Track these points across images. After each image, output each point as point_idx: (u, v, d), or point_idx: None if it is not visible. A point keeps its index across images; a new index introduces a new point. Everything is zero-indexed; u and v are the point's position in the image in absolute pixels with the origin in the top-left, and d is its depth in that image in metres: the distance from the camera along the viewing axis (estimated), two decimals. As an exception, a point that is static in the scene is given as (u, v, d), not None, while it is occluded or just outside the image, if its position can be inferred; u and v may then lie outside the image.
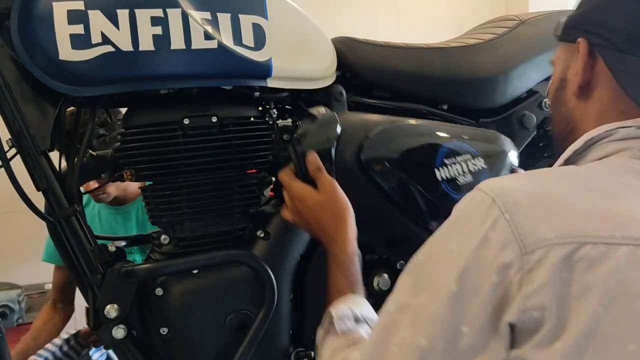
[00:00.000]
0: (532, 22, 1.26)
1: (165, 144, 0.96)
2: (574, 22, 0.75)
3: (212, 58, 0.94)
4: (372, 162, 1.03)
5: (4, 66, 0.91)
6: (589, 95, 0.72)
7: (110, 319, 0.92)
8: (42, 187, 0.94)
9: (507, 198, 0.60)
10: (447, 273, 0.61)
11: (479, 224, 0.61)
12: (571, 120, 0.75)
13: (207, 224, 1.00)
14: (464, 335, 0.59)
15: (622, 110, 0.69)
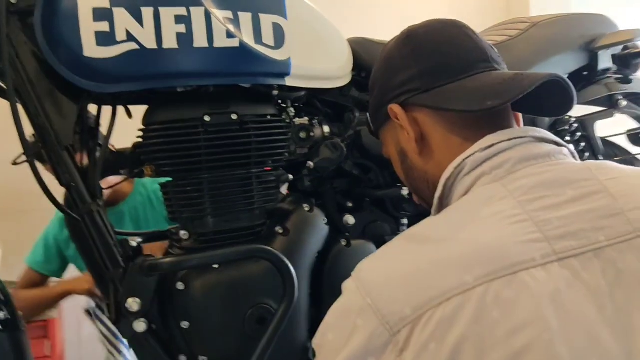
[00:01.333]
0: (544, 24, 1.27)
1: (186, 140, 0.97)
2: (376, 106, 0.81)
3: (234, 56, 0.96)
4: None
5: (27, 62, 0.93)
6: (428, 146, 0.74)
7: (132, 312, 0.93)
8: (66, 183, 0.95)
9: (368, 283, 0.61)
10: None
11: (348, 312, 0.62)
12: (429, 177, 0.76)
13: (227, 219, 1.01)
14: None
15: (462, 141, 0.70)
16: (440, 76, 0.72)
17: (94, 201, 0.96)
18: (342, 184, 1.16)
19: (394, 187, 1.13)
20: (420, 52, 0.74)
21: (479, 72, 0.71)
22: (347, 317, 0.60)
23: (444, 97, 0.70)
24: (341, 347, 0.59)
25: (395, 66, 0.77)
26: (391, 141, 0.82)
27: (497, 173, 0.65)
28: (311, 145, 1.10)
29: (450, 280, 0.56)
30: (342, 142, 1.10)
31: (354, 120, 1.13)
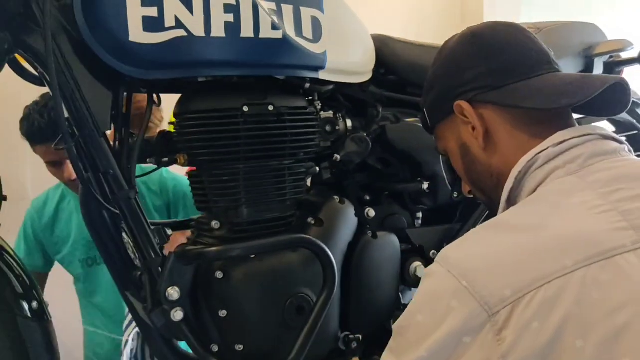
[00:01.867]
0: (548, 31, 1.34)
1: (225, 130, 0.97)
2: (437, 102, 0.84)
3: (277, 48, 0.97)
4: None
5: (65, 46, 0.91)
6: (493, 142, 0.78)
7: (172, 301, 0.92)
8: (103, 169, 0.93)
9: (461, 266, 0.64)
10: (417, 343, 0.64)
11: (440, 295, 0.64)
12: (492, 171, 0.79)
13: (260, 210, 1.02)
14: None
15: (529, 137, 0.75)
16: (509, 75, 0.76)
17: (132, 188, 0.94)
18: (363, 177, 1.18)
19: (413, 181, 1.17)
20: (488, 52, 0.78)
21: (544, 73, 0.76)
22: (440, 300, 0.63)
23: (514, 95, 0.74)
24: (434, 327, 0.62)
25: (461, 64, 0.80)
26: (451, 136, 0.85)
27: (571, 167, 0.69)
28: (335, 139, 1.13)
29: (550, 265, 0.60)
30: (366, 136, 1.13)
31: (378, 116, 1.16)
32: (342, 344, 1.05)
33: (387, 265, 1.10)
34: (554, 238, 0.62)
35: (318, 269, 0.98)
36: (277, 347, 0.97)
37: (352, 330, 1.06)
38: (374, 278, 1.08)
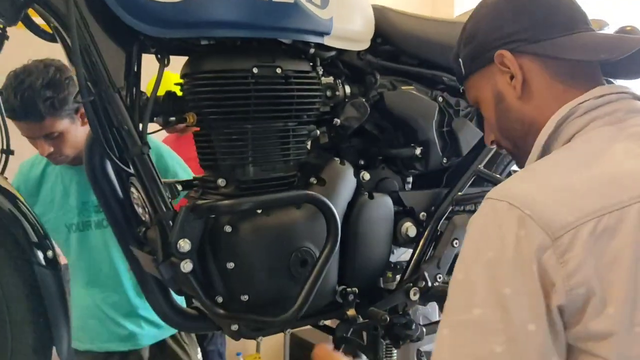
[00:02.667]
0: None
1: (236, 89, 1.01)
2: (477, 52, 0.89)
3: (288, 12, 1.01)
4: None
5: (83, 4, 0.92)
6: (529, 91, 0.83)
7: (183, 252, 0.96)
8: (117, 125, 0.96)
9: (522, 198, 0.69)
10: (494, 280, 0.67)
11: (507, 228, 0.68)
12: (525, 119, 0.84)
13: (265, 169, 1.06)
14: (533, 332, 0.65)
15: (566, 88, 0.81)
16: (551, 29, 0.81)
17: (144, 144, 0.97)
18: (359, 142, 1.24)
19: (407, 146, 1.23)
20: (531, 6, 0.83)
21: (582, 31, 0.81)
22: (507, 233, 0.67)
23: (554, 47, 0.80)
24: (507, 256, 0.66)
25: (504, 16, 0.84)
26: (486, 85, 0.88)
27: (609, 119, 0.76)
28: (334, 104, 1.17)
29: (609, 198, 0.67)
30: (364, 102, 1.18)
31: (376, 83, 1.21)
32: (339, 297, 1.12)
33: (382, 224, 1.17)
34: (606, 175, 0.69)
35: (321, 225, 1.03)
36: (281, 297, 1.03)
37: (348, 284, 1.13)
38: (370, 235, 1.14)
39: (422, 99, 1.24)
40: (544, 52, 0.81)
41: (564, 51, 0.80)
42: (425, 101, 1.24)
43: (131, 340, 1.70)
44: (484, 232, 0.71)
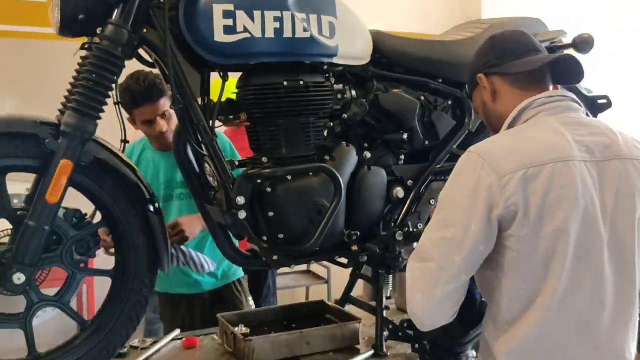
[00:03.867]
0: (498, 25, 1.85)
1: (273, 96, 1.51)
2: (471, 77, 1.37)
3: (307, 44, 1.49)
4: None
5: (172, 42, 1.43)
6: (499, 97, 1.30)
7: (240, 205, 1.47)
8: (195, 122, 1.47)
9: (485, 152, 1.15)
10: (461, 197, 1.13)
11: (473, 169, 1.13)
12: (498, 114, 1.30)
13: (293, 150, 1.56)
14: (472, 231, 1.10)
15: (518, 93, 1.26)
16: (509, 57, 1.26)
17: (213, 134, 1.49)
18: (362, 130, 1.71)
19: (397, 133, 1.70)
20: (499, 45, 1.29)
21: (529, 56, 1.26)
22: (473, 173, 1.12)
23: (509, 67, 1.25)
24: (471, 186, 1.11)
25: (483, 52, 1.32)
26: (478, 98, 1.36)
27: (552, 112, 1.19)
28: (343, 103, 1.65)
29: (536, 158, 1.10)
30: (364, 102, 1.65)
31: (373, 88, 1.69)
32: (346, 238, 1.61)
33: (377, 188, 1.65)
34: (538, 145, 1.13)
35: (331, 187, 1.52)
36: (304, 235, 1.52)
37: (353, 229, 1.61)
38: (368, 196, 1.62)
39: (408, 98, 1.71)
40: (503, 70, 1.27)
41: (512, 69, 1.25)
42: (410, 100, 1.71)
43: (195, 286, 2.24)
44: (461, 170, 1.18)
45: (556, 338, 1.10)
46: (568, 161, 1.11)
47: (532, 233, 1.08)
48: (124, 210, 1.47)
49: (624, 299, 1.13)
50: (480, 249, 1.11)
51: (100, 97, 1.37)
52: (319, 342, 1.70)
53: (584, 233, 1.09)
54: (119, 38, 1.37)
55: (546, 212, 1.08)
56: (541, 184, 1.09)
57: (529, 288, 1.10)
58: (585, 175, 1.11)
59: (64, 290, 1.47)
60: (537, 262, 1.09)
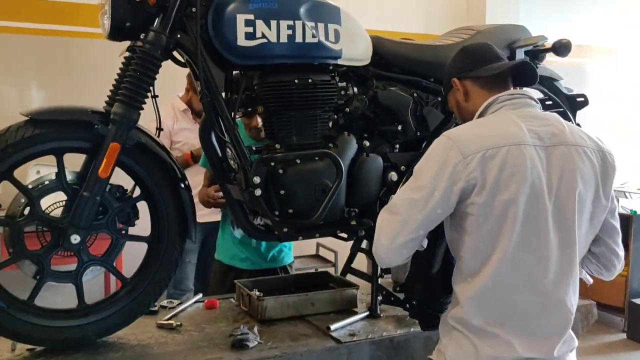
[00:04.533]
0: (485, 32, 2.11)
1: (285, 92, 1.78)
2: (447, 81, 1.62)
3: (315, 48, 1.76)
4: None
5: (202, 46, 1.71)
6: (470, 97, 1.55)
7: (256, 184, 1.75)
8: (220, 113, 1.75)
9: (455, 136, 1.41)
10: (431, 170, 1.40)
11: (443, 149, 1.40)
12: (469, 111, 1.54)
13: (302, 138, 1.83)
14: (435, 197, 1.38)
15: (485, 92, 1.52)
16: (477, 64, 1.53)
17: (234, 124, 1.76)
18: (363, 122, 1.98)
19: (392, 125, 1.96)
20: (469, 55, 1.56)
21: (493, 63, 1.52)
22: (443, 152, 1.38)
23: (478, 72, 1.51)
24: (441, 162, 1.37)
25: (456, 62, 1.59)
26: (452, 98, 1.62)
27: (512, 107, 1.45)
28: (346, 99, 1.92)
29: (494, 142, 1.36)
30: (364, 98, 1.92)
31: (371, 86, 1.95)
32: (346, 214, 1.88)
33: (374, 172, 1.91)
34: (498, 131, 1.39)
35: (333, 170, 1.79)
36: (310, 210, 1.79)
37: (352, 206, 1.88)
38: (366, 178, 1.89)
39: (402, 95, 1.97)
40: (473, 75, 1.54)
41: (480, 73, 1.52)
42: (404, 96, 1.97)
43: (246, 262, 2.51)
44: (433, 150, 1.44)
45: (507, 287, 1.36)
46: (520, 145, 1.37)
47: (488, 201, 1.34)
48: (159, 187, 1.76)
49: (566, 258, 1.38)
50: (438, 211, 1.38)
51: (143, 91, 1.64)
52: (322, 304, 1.98)
53: (531, 202, 1.35)
54: (158, 42, 1.64)
55: (500, 185, 1.34)
56: (497, 162, 1.35)
57: (485, 246, 1.36)
58: (534, 157, 1.37)
59: (108, 252, 1.75)
60: (492, 225, 1.35)
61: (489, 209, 1.34)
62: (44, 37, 3.76)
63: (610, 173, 1.44)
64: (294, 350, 1.67)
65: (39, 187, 1.66)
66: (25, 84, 3.86)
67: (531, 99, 1.51)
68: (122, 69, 1.70)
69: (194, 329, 1.85)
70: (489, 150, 1.36)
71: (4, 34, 3.69)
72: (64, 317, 1.69)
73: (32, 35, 3.74)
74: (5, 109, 3.69)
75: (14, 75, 3.83)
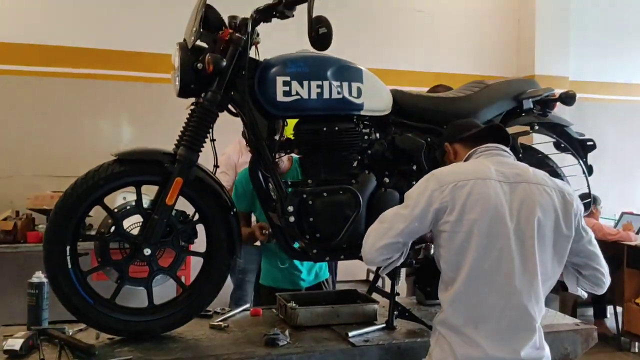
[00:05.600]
0: (493, 85, 2.44)
1: (316, 138, 2.19)
2: (441, 148, 2.02)
3: (339, 102, 2.17)
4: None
5: (249, 100, 2.15)
6: (457, 154, 1.95)
7: (289, 212, 2.15)
8: (263, 155, 2.17)
9: (437, 172, 1.80)
10: (415, 194, 1.77)
11: (427, 180, 1.79)
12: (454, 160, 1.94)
13: (330, 175, 2.23)
14: (415, 212, 1.75)
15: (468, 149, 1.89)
16: (461, 132, 1.93)
17: (274, 164, 2.18)
18: (383, 163, 2.35)
19: (408, 165, 2.32)
20: (456, 127, 1.98)
21: (472, 129, 1.92)
22: (425, 184, 1.77)
23: (462, 137, 1.91)
24: (422, 190, 1.75)
25: (447, 133, 2.02)
26: (446, 159, 2.01)
27: (487, 155, 1.83)
28: (369, 143, 2.30)
29: (465, 176, 1.73)
30: (384, 142, 2.29)
31: (391, 132, 2.33)
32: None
33: (391, 204, 2.23)
34: (469, 169, 1.78)
35: (354, 202, 2.17)
36: (334, 235, 2.18)
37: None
38: (383, 209, 2.20)
39: (417, 140, 2.33)
40: (458, 138, 1.92)
41: (463, 135, 1.91)
42: (419, 141, 2.33)
43: (298, 283, 2.98)
44: (421, 181, 1.82)
45: (477, 292, 1.68)
46: (486, 179, 1.73)
47: (458, 220, 1.69)
48: (213, 213, 2.19)
49: (528, 273, 1.69)
50: (415, 224, 1.75)
51: (202, 138, 2.10)
52: (346, 315, 2.33)
53: (494, 222, 1.68)
54: (215, 100, 2.10)
55: (467, 207, 1.69)
56: (465, 191, 1.71)
57: (457, 257, 1.70)
58: (497, 189, 1.71)
59: (173, 264, 2.20)
60: (461, 239, 1.69)
61: (459, 226, 1.69)
62: (131, 82, 4.41)
63: (569, 209, 1.74)
64: (315, 349, 2.04)
65: (122, 211, 2.14)
66: (117, 125, 4.52)
67: (504, 151, 1.86)
68: (188, 119, 2.17)
69: (238, 330, 2.25)
70: (460, 182, 1.72)
71: (97, 80, 4.37)
72: (137, 313, 2.15)
73: (122, 82, 4.40)
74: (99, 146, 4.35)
75: (107, 117, 4.50)
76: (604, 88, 5.89)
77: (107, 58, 4.44)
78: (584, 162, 2.64)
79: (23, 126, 4.38)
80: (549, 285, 1.77)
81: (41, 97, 4.41)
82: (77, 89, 4.44)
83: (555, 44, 5.48)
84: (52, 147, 4.41)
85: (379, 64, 4.97)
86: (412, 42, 5.27)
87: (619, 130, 5.95)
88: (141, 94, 4.52)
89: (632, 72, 5.96)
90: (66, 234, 2.01)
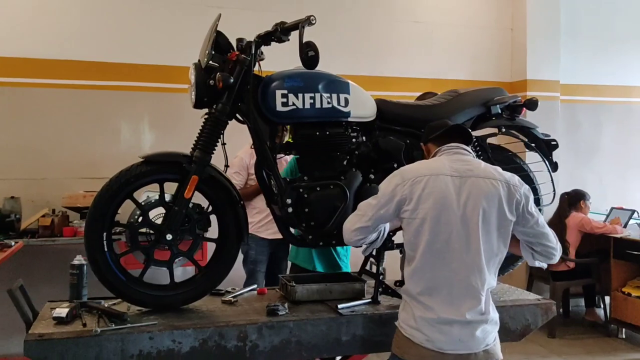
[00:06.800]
0: (464, 93, 2.83)
1: (310, 142, 2.59)
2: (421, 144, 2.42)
3: (329, 110, 2.57)
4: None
5: (254, 110, 2.56)
6: (430, 153, 2.33)
7: (288, 204, 2.56)
8: (265, 156, 2.58)
9: (402, 169, 2.21)
10: (383, 187, 2.18)
11: (393, 176, 2.19)
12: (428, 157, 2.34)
13: (322, 172, 2.63)
14: (381, 202, 2.16)
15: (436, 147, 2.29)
16: (432, 133, 2.31)
17: (274, 160, 2.59)
18: (369, 162, 2.74)
19: (390, 163, 2.71)
20: (429, 128, 2.35)
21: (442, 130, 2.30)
22: (392, 180, 2.17)
23: (433, 137, 2.30)
24: (388, 184, 2.16)
25: (424, 134, 2.39)
26: (423, 154, 2.41)
27: (448, 153, 2.21)
28: (356, 145, 2.70)
29: (422, 172, 2.13)
30: (369, 144, 2.69)
31: (375, 135, 2.72)
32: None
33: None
34: (427, 166, 2.19)
35: (342, 195, 2.57)
36: (326, 223, 2.58)
37: (358, 222, 2.64)
38: (368, 201, 2.65)
39: (397, 142, 2.72)
40: (430, 139, 2.32)
41: (432, 135, 2.30)
42: (399, 143, 2.72)
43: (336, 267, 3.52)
44: (389, 177, 2.23)
45: (430, 266, 2.07)
46: (439, 175, 2.11)
47: (414, 208, 2.09)
48: (223, 205, 2.60)
49: (471, 251, 2.07)
50: (381, 212, 2.16)
51: (214, 142, 2.51)
52: (338, 292, 2.73)
53: (443, 210, 2.07)
54: (225, 111, 2.51)
55: (422, 199, 2.09)
56: (421, 185, 2.10)
57: (415, 239, 2.10)
58: (448, 183, 2.10)
59: (190, 248, 2.62)
60: (417, 224, 2.09)
61: (415, 213, 2.08)
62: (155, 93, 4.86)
63: (513, 198, 2.12)
64: (308, 317, 2.44)
65: (148, 204, 2.56)
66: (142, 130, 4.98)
67: (463, 149, 2.24)
68: (202, 126, 2.59)
69: (246, 304, 2.66)
70: (417, 177, 2.12)
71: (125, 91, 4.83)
72: (161, 289, 2.57)
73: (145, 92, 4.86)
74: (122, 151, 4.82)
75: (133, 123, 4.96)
76: (595, 90, 6.21)
77: (127, 71, 4.91)
78: (549, 160, 3.01)
79: (56, 133, 4.85)
80: (497, 260, 2.15)
81: (72, 108, 4.88)
82: (102, 100, 4.91)
83: (547, 50, 5.82)
84: (81, 152, 4.87)
85: (379, 72, 5.41)
86: (411, 51, 5.65)
87: (611, 130, 6.27)
88: (162, 103, 4.98)
89: (621, 75, 6.28)
90: (103, 223, 2.43)
